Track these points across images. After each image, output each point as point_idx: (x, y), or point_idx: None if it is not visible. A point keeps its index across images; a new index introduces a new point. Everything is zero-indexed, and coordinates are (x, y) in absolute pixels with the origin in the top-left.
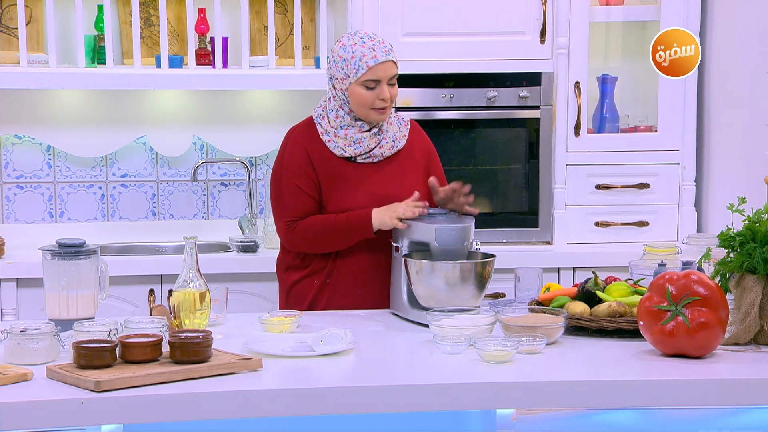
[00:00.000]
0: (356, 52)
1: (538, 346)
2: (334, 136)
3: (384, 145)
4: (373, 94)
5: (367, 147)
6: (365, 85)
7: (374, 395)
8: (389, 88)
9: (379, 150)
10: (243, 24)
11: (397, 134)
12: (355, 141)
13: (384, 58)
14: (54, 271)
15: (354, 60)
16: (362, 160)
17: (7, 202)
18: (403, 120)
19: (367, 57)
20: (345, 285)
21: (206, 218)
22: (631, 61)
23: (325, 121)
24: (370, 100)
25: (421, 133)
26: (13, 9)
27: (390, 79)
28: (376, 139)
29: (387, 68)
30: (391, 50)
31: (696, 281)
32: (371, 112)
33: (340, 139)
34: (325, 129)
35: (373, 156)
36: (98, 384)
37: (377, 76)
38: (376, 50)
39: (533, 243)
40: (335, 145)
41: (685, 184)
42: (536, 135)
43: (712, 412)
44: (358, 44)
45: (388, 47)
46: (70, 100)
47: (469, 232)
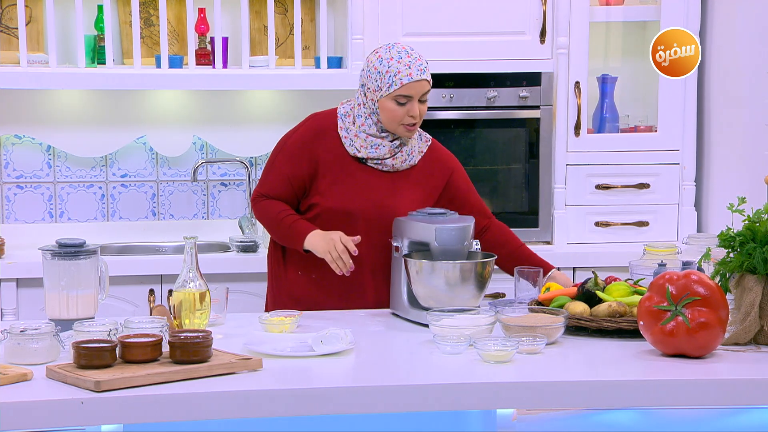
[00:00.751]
0: (392, 66)
1: (538, 346)
2: (354, 136)
3: (398, 158)
4: (404, 110)
5: (383, 154)
6: (396, 100)
7: (374, 395)
8: (420, 105)
9: (391, 161)
10: (243, 24)
11: (413, 149)
12: (373, 146)
13: (419, 76)
14: (54, 271)
15: (389, 75)
16: (372, 165)
17: (7, 202)
18: (424, 136)
19: (402, 74)
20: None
21: (206, 218)
22: (631, 61)
23: (349, 120)
24: (400, 116)
25: (444, 153)
26: (13, 9)
27: (422, 96)
28: (394, 151)
29: (421, 86)
30: (427, 68)
31: (696, 281)
32: (400, 128)
33: (359, 140)
34: (346, 126)
35: (384, 164)
36: (98, 384)
37: (410, 92)
38: (411, 68)
39: (533, 243)
40: (351, 143)
41: (685, 184)
42: (536, 135)
43: (712, 412)
44: (395, 59)
45: (424, 65)
46: (70, 100)
47: (468, 232)
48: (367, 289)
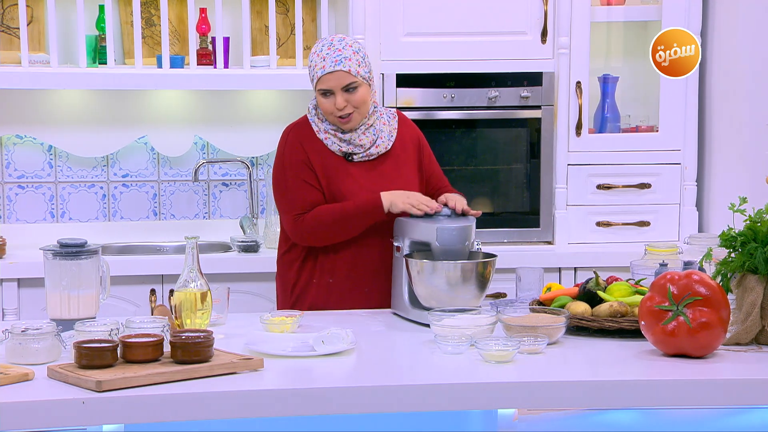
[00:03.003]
0: (313, 60)
1: (539, 346)
2: (325, 132)
3: (380, 144)
4: (330, 101)
5: (359, 144)
6: (321, 93)
7: (375, 395)
8: (347, 95)
9: (375, 149)
10: (244, 24)
11: (390, 130)
12: (345, 141)
13: (331, 68)
14: (55, 271)
15: (311, 69)
16: (359, 159)
17: (9, 201)
18: (391, 113)
19: (318, 67)
20: (347, 285)
21: (207, 218)
22: (632, 61)
23: (318, 119)
24: (328, 109)
25: (409, 124)
26: (14, 9)
27: (345, 87)
28: (371, 137)
29: (336, 78)
30: (348, 58)
31: (697, 281)
32: (336, 121)
33: (331, 136)
34: (318, 127)
35: (369, 154)
36: (99, 384)
37: (328, 86)
38: (326, 60)
39: (534, 243)
40: (331, 141)
41: (686, 184)
42: (537, 135)
43: (714, 412)
44: (316, 52)
45: (345, 55)
46: (72, 100)
47: (470, 232)
48: (372, 289)
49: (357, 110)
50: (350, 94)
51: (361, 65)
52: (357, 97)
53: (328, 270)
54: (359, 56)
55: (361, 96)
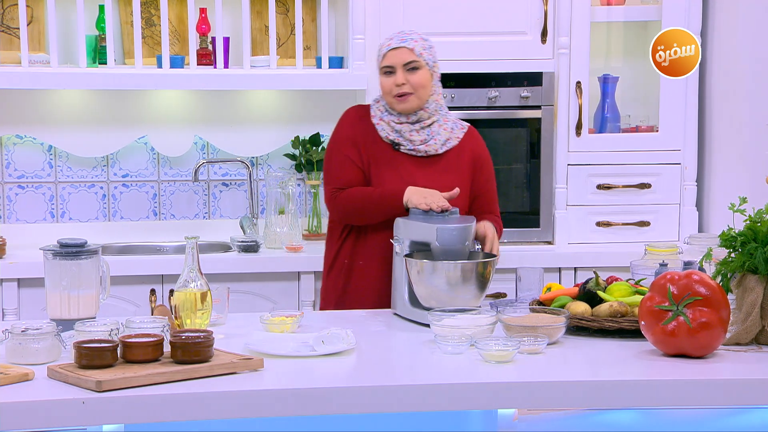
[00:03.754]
0: (381, 43)
1: (539, 346)
2: (380, 120)
3: (431, 144)
4: (391, 80)
5: (408, 138)
6: (383, 72)
7: (375, 395)
8: (407, 74)
9: (424, 147)
10: (244, 24)
11: (449, 136)
12: (396, 130)
13: (396, 44)
14: (55, 271)
15: (379, 51)
16: (406, 151)
17: (9, 201)
18: (460, 124)
19: (384, 46)
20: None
21: (207, 218)
22: (632, 61)
23: (377, 105)
24: (388, 87)
25: (478, 141)
26: (14, 9)
27: (406, 65)
28: (423, 135)
29: (399, 53)
30: (414, 40)
31: (697, 281)
32: (393, 101)
33: (384, 123)
34: (375, 112)
35: (417, 150)
36: (99, 384)
37: (390, 62)
38: (393, 39)
39: (534, 243)
40: (382, 128)
41: (686, 184)
42: (537, 135)
43: (714, 412)
44: (386, 37)
45: (412, 37)
46: (72, 100)
47: (470, 232)
48: None
49: (415, 93)
50: (410, 74)
51: (426, 50)
52: (416, 78)
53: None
54: (427, 43)
55: (421, 78)
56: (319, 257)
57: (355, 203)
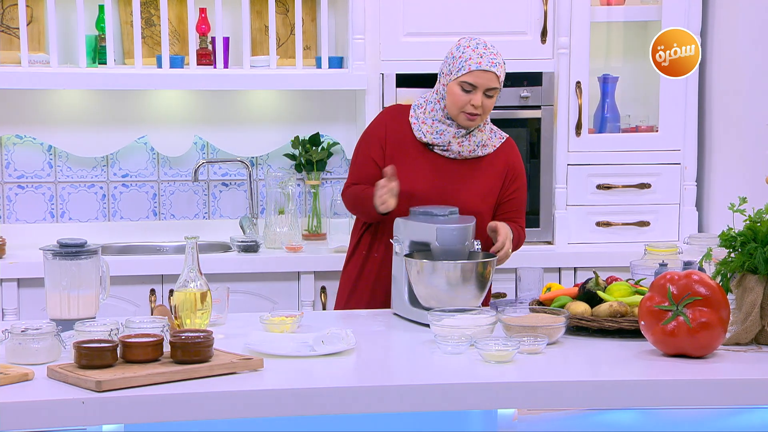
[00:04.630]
0: (466, 53)
1: (539, 346)
2: (422, 122)
3: (464, 146)
4: (467, 97)
5: (447, 142)
6: (462, 86)
7: (375, 395)
8: (484, 98)
9: (457, 147)
10: (244, 24)
11: (486, 142)
12: (438, 131)
13: (487, 66)
14: (55, 271)
15: (461, 60)
16: (438, 151)
17: (8, 201)
18: (499, 133)
19: (473, 61)
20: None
21: (207, 218)
22: (632, 61)
23: (420, 109)
24: (462, 102)
25: (514, 151)
26: (14, 9)
27: (488, 90)
28: (461, 139)
29: (487, 77)
30: (500, 65)
31: (697, 281)
32: (460, 115)
33: (426, 126)
34: (416, 113)
35: (450, 151)
36: (99, 384)
37: (475, 81)
38: (483, 57)
39: (534, 243)
40: (418, 128)
41: (686, 184)
42: (537, 135)
43: (713, 412)
44: (471, 47)
45: (499, 60)
46: (71, 100)
47: (469, 232)
48: None
49: (482, 116)
50: (487, 98)
51: (503, 75)
52: (489, 104)
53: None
54: (505, 68)
55: (492, 105)
56: (318, 257)
57: (352, 200)
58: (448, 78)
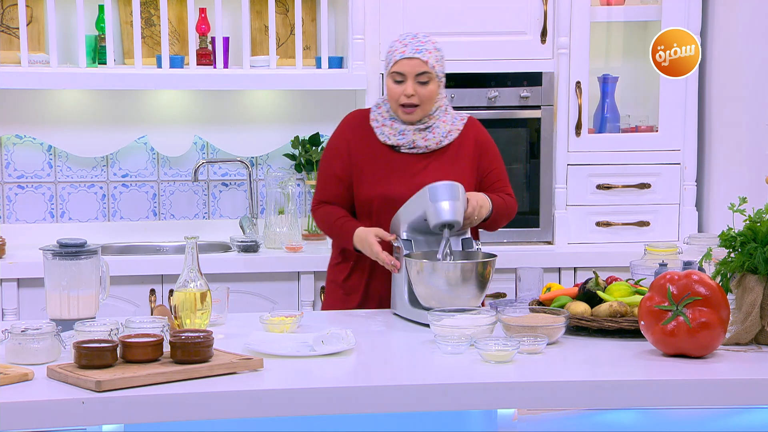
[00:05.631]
0: (393, 46)
1: (539, 346)
2: (382, 125)
3: (430, 139)
4: (400, 88)
5: (411, 140)
6: (393, 78)
7: (375, 395)
8: (418, 86)
9: (423, 142)
10: (244, 24)
11: (450, 128)
12: (399, 132)
13: (411, 54)
14: (55, 271)
15: (390, 54)
16: (406, 150)
17: (8, 201)
18: (460, 116)
19: (398, 51)
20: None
21: (207, 218)
22: (632, 61)
23: (379, 110)
24: (396, 94)
25: (478, 126)
26: (14, 9)
27: (418, 76)
28: (423, 134)
29: (412, 64)
30: (428, 51)
31: (697, 281)
32: (399, 109)
33: (387, 128)
34: (375, 117)
35: (417, 147)
36: (99, 384)
37: (402, 69)
38: (408, 46)
39: (534, 243)
40: (381, 131)
41: (686, 184)
42: (537, 135)
43: (713, 412)
44: (399, 40)
45: (425, 47)
46: (71, 100)
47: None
48: None
49: (421, 106)
50: (420, 86)
51: (438, 62)
52: (426, 91)
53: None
54: (439, 54)
55: (430, 92)
56: (318, 257)
57: (323, 225)
58: (385, 74)
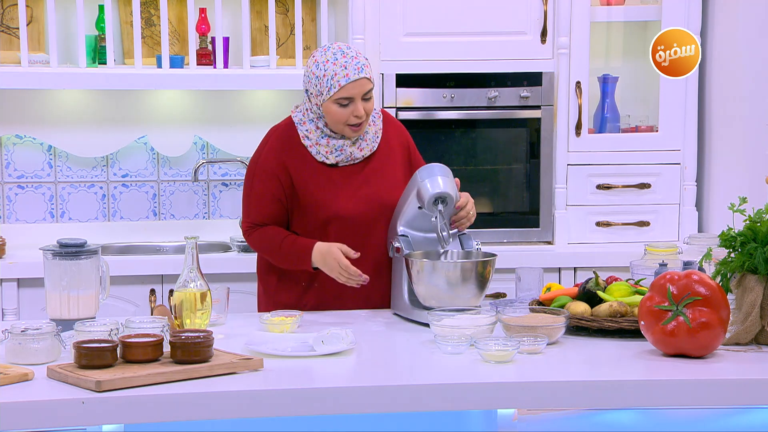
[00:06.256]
0: (329, 69)
1: (539, 346)
2: (316, 143)
3: (364, 147)
4: (348, 111)
5: (348, 153)
6: (338, 102)
7: (375, 395)
8: (364, 103)
9: (359, 153)
10: (244, 24)
11: (375, 131)
12: (336, 149)
13: (356, 76)
14: (55, 271)
15: (326, 78)
16: (344, 164)
17: (8, 201)
18: (376, 113)
19: (339, 75)
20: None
21: (207, 218)
22: (632, 61)
23: (305, 127)
24: (344, 117)
25: (395, 124)
26: (14, 9)
27: (364, 94)
28: (357, 145)
29: (360, 85)
30: (366, 66)
31: (697, 281)
32: (346, 128)
33: (322, 147)
34: (305, 134)
35: (354, 159)
36: (99, 384)
37: (350, 94)
38: (348, 68)
39: (534, 243)
40: (317, 151)
41: (686, 184)
42: (537, 135)
43: (713, 412)
44: (330, 61)
45: (362, 62)
46: (71, 100)
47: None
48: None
49: (366, 119)
50: (366, 102)
51: (371, 74)
52: (370, 106)
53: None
54: (370, 66)
55: (372, 104)
56: None
57: (265, 249)
58: (320, 98)
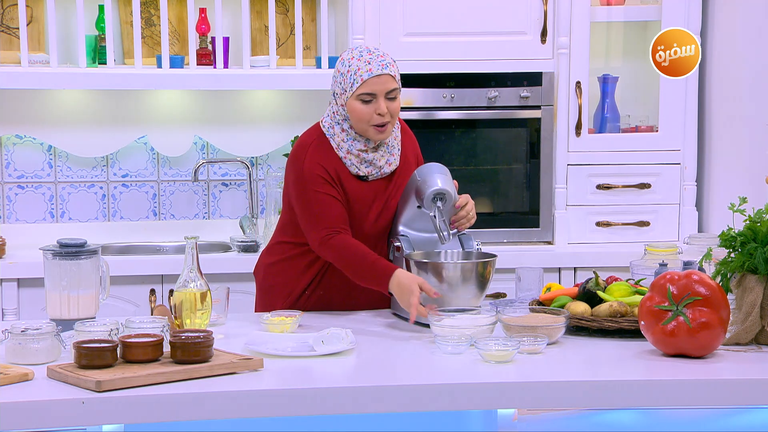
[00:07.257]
0: (353, 65)
1: (539, 346)
2: (348, 153)
3: (392, 161)
4: (370, 108)
5: (379, 168)
6: (361, 99)
7: (375, 395)
8: (388, 102)
9: (388, 167)
10: (244, 24)
11: (397, 143)
12: (367, 161)
13: (379, 71)
14: (55, 271)
15: (350, 74)
16: (373, 178)
17: (8, 202)
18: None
19: (362, 70)
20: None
21: (207, 218)
22: (632, 61)
23: (337, 137)
24: (367, 115)
25: (409, 134)
26: (14, 9)
27: (388, 93)
28: (386, 157)
29: (383, 82)
30: (391, 64)
31: (697, 281)
32: (369, 129)
33: (353, 157)
34: (337, 144)
35: (383, 173)
36: (99, 384)
37: (372, 89)
38: (371, 63)
39: (534, 243)
40: (350, 162)
41: (686, 184)
42: (537, 135)
43: (713, 412)
44: (355, 58)
45: (388, 61)
46: (71, 100)
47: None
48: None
49: (392, 121)
50: (390, 102)
51: (398, 73)
52: (395, 107)
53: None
54: (397, 67)
55: (398, 106)
56: None
57: (344, 261)
58: (345, 96)
